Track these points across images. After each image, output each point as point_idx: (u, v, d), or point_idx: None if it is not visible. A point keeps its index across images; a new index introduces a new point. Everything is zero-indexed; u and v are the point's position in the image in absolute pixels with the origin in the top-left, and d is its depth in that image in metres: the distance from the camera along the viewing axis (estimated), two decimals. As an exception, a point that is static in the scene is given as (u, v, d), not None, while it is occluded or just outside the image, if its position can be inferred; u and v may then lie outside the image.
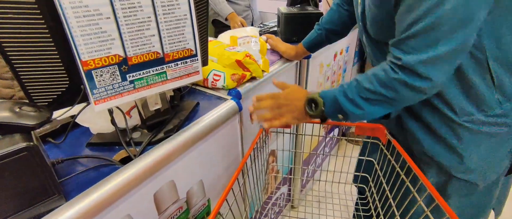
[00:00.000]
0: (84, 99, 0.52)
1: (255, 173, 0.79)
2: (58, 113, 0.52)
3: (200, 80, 0.67)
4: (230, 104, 0.78)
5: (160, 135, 0.64)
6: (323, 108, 0.60)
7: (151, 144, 0.62)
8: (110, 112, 0.59)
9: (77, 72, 0.48)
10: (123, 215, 0.55)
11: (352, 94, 0.56)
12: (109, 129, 0.64)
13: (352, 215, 0.94)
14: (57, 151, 0.62)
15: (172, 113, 0.70)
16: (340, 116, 0.59)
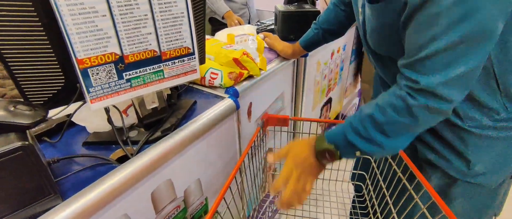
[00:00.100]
0: (80, 98, 0.51)
1: (252, 172, 0.79)
2: (54, 112, 0.51)
3: (198, 78, 0.66)
4: (227, 102, 0.77)
5: (157, 133, 0.63)
6: (339, 155, 0.55)
7: (148, 143, 0.61)
8: (107, 110, 0.58)
9: (72, 70, 0.47)
10: (120, 215, 0.55)
11: (366, 132, 0.51)
12: (105, 128, 0.64)
13: (349, 213, 0.95)
14: (53, 150, 0.61)
15: (169, 111, 0.70)
16: (357, 153, 0.54)
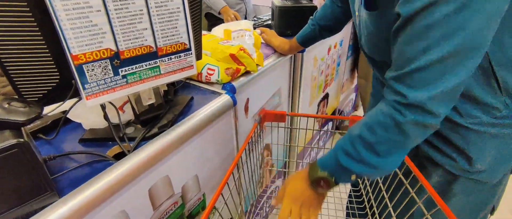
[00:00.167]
0: (76, 94, 0.51)
1: (250, 167, 0.79)
2: (49, 109, 0.51)
3: (194, 74, 0.66)
4: (224, 98, 0.77)
5: (154, 130, 0.63)
6: (335, 181, 0.55)
7: (145, 139, 0.61)
8: (103, 107, 0.58)
9: (67, 66, 0.47)
10: (118, 211, 0.55)
11: (358, 154, 0.50)
12: (102, 124, 0.64)
13: (346, 207, 0.96)
14: (48, 147, 0.61)
15: (166, 108, 0.69)
16: (353, 177, 0.54)
